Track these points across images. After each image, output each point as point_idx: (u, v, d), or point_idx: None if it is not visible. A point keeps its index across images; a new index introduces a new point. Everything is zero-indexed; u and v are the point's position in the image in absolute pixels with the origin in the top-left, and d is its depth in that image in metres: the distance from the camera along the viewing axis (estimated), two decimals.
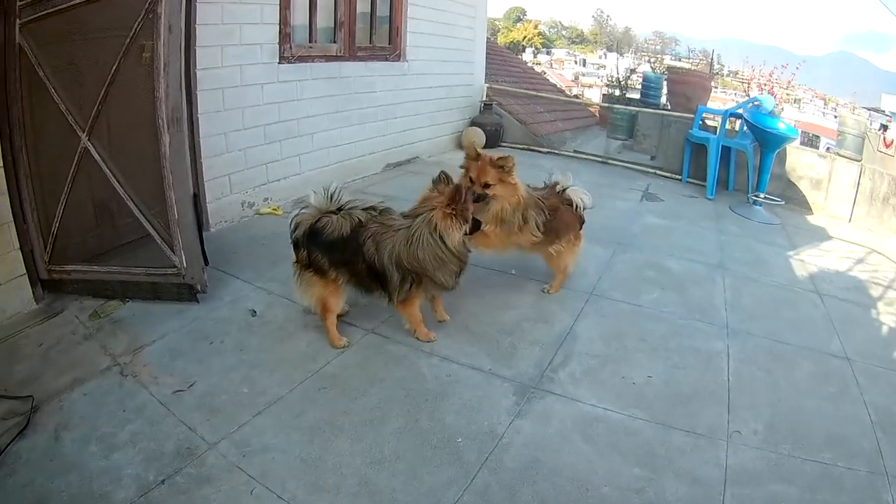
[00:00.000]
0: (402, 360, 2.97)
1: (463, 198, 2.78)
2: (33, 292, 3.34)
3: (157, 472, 2.23)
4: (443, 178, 2.91)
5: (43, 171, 3.35)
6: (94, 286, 3.47)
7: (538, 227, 3.41)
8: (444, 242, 2.78)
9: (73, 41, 3.24)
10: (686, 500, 2.18)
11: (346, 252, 2.85)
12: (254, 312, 3.36)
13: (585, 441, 2.45)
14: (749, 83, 14.52)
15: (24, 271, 3.28)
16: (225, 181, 4.68)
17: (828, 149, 13.22)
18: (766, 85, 14.21)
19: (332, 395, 2.69)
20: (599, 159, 8.06)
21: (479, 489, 2.20)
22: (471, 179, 3.27)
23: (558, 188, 3.65)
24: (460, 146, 8.00)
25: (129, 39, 3.06)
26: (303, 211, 2.95)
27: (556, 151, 8.31)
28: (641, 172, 7.56)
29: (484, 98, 8.43)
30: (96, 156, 3.25)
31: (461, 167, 3.40)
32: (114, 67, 3.12)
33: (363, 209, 2.95)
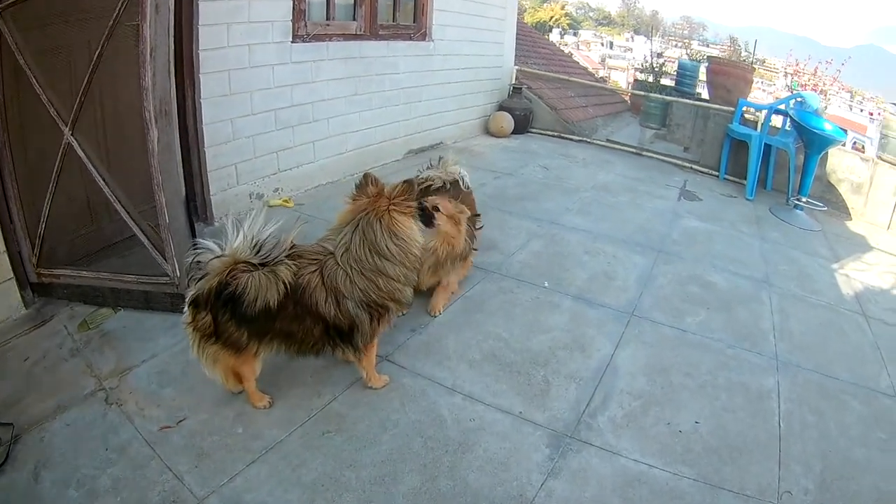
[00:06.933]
0: (420, 397, 2.49)
1: (412, 192, 2.26)
2: (22, 296, 3.02)
3: None
4: (370, 181, 2.27)
5: (29, 167, 3.00)
6: (85, 292, 3.12)
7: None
8: (404, 240, 2.21)
9: (54, 25, 2.86)
10: None
11: (284, 321, 2.12)
12: None
13: None
14: (792, 75, 13.55)
15: (12, 275, 2.96)
16: (231, 171, 4.19)
17: (854, 143, 12.39)
18: (801, 75, 13.30)
19: (338, 442, 2.25)
20: (633, 150, 7.39)
21: None
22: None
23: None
24: (487, 131, 7.45)
25: (112, 22, 2.61)
26: (211, 261, 2.04)
27: (588, 140, 7.67)
28: (677, 166, 6.91)
29: (513, 81, 7.76)
30: (80, 152, 2.87)
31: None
32: (96, 54, 2.69)
33: (287, 257, 2.12)
